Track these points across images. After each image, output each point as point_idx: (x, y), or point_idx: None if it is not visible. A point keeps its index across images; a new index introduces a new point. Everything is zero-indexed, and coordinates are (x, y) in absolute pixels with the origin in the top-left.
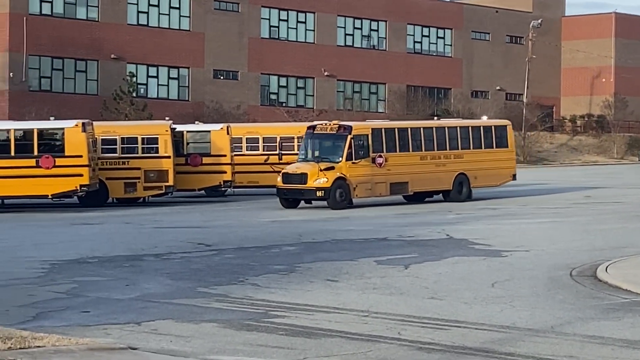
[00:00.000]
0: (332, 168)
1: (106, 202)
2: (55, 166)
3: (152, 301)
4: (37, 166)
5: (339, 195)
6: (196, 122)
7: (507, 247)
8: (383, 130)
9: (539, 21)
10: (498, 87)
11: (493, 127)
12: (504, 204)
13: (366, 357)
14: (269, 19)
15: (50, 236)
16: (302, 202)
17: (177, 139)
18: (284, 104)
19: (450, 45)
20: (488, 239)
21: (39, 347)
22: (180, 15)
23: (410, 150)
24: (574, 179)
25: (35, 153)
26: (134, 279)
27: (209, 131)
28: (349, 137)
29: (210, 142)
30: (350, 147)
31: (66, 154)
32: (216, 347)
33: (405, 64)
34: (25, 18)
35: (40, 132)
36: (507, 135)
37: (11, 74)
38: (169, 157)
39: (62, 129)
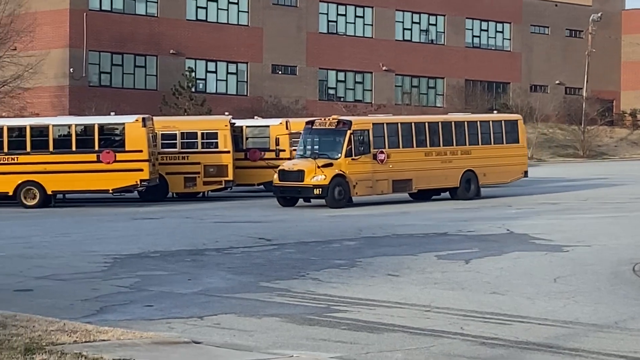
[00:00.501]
0: (331, 165)
1: (166, 197)
2: (115, 161)
3: (214, 295)
4: (98, 161)
5: (338, 194)
6: (255, 117)
7: (569, 242)
8: (385, 125)
9: (599, 14)
10: (557, 81)
11: (503, 121)
12: (564, 198)
13: (429, 352)
14: (327, 14)
15: (112, 231)
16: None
17: (237, 133)
18: (342, 99)
19: (509, 39)
20: (549, 234)
21: (103, 340)
22: (238, 11)
23: (415, 145)
24: (635, 174)
25: (96, 148)
26: (195, 273)
27: (268, 126)
28: (349, 132)
29: (269, 137)
30: (350, 142)
31: (126, 149)
32: (279, 342)
33: (464, 59)
34: (85, 14)
35: (101, 127)
36: (518, 130)
37: (71, 69)
38: (228, 152)
39: (123, 124)
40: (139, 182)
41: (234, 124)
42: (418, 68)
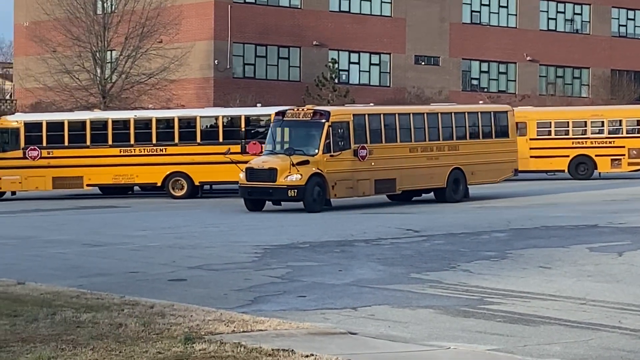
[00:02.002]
0: (307, 162)
1: None
2: (261, 152)
3: (366, 286)
4: (244, 152)
5: (317, 195)
6: None
7: None
8: (366, 116)
9: None
10: None
11: (492, 113)
12: None
13: (588, 345)
14: (471, 4)
15: (260, 221)
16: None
17: None
18: (485, 90)
19: None
20: None
21: (260, 330)
22: (381, 2)
23: (398, 140)
24: None
25: (243, 139)
26: (346, 264)
27: None
28: (327, 124)
29: None
30: (328, 136)
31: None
32: (435, 333)
33: (610, 48)
34: (229, 6)
35: (247, 118)
36: (507, 123)
37: (216, 61)
38: None
39: (269, 115)
40: None
41: None
42: (562, 58)
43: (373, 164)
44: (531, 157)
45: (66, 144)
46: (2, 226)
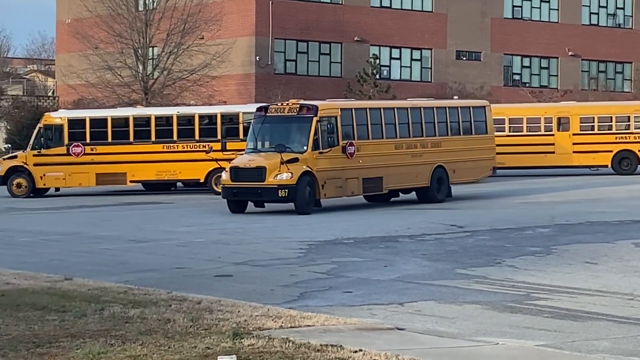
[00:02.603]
0: (296, 160)
1: None
2: None
3: (412, 282)
4: None
5: (309, 195)
6: None
7: None
8: (353, 110)
9: None
10: None
11: (471, 108)
12: None
13: (637, 341)
14: None
15: (302, 218)
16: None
17: None
18: (527, 85)
19: None
20: None
21: (308, 326)
22: None
23: (384, 136)
24: None
25: None
26: (391, 259)
27: None
28: (315, 119)
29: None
30: (316, 132)
31: None
32: (482, 329)
33: None
34: (270, 2)
35: None
36: (486, 119)
37: (258, 57)
38: None
39: None
40: None
41: None
42: (605, 52)
43: (360, 161)
44: (574, 152)
45: (109, 140)
46: (47, 222)
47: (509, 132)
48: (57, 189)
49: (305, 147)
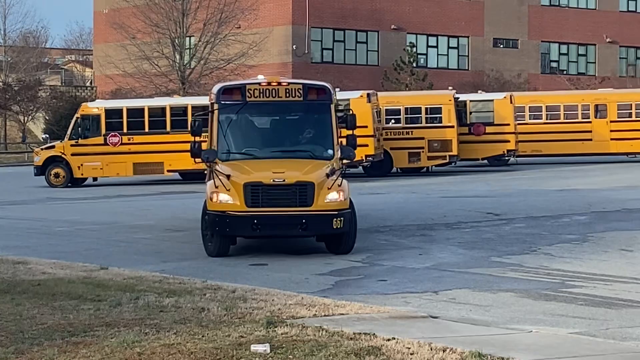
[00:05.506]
0: (332, 171)
1: (390, 172)
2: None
3: (447, 270)
4: None
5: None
6: (479, 92)
7: None
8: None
9: None
10: None
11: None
12: None
13: None
14: None
15: None
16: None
17: (460, 108)
18: (564, 72)
19: None
20: None
21: (342, 314)
22: None
23: None
24: None
25: None
26: (426, 248)
27: (492, 100)
28: (332, 108)
29: (493, 111)
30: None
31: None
32: (516, 317)
33: None
34: None
35: None
36: None
37: (294, 46)
38: (452, 126)
39: (348, 100)
40: (364, 158)
41: (458, 98)
42: None
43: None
44: (612, 139)
45: (146, 130)
46: (84, 212)
47: (546, 119)
48: (94, 179)
49: (331, 151)
